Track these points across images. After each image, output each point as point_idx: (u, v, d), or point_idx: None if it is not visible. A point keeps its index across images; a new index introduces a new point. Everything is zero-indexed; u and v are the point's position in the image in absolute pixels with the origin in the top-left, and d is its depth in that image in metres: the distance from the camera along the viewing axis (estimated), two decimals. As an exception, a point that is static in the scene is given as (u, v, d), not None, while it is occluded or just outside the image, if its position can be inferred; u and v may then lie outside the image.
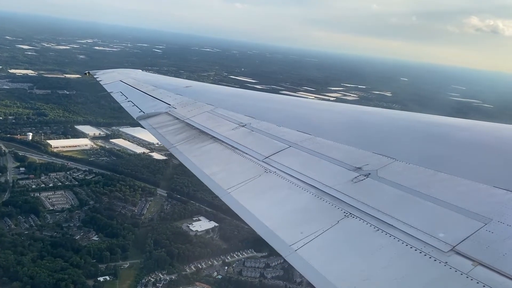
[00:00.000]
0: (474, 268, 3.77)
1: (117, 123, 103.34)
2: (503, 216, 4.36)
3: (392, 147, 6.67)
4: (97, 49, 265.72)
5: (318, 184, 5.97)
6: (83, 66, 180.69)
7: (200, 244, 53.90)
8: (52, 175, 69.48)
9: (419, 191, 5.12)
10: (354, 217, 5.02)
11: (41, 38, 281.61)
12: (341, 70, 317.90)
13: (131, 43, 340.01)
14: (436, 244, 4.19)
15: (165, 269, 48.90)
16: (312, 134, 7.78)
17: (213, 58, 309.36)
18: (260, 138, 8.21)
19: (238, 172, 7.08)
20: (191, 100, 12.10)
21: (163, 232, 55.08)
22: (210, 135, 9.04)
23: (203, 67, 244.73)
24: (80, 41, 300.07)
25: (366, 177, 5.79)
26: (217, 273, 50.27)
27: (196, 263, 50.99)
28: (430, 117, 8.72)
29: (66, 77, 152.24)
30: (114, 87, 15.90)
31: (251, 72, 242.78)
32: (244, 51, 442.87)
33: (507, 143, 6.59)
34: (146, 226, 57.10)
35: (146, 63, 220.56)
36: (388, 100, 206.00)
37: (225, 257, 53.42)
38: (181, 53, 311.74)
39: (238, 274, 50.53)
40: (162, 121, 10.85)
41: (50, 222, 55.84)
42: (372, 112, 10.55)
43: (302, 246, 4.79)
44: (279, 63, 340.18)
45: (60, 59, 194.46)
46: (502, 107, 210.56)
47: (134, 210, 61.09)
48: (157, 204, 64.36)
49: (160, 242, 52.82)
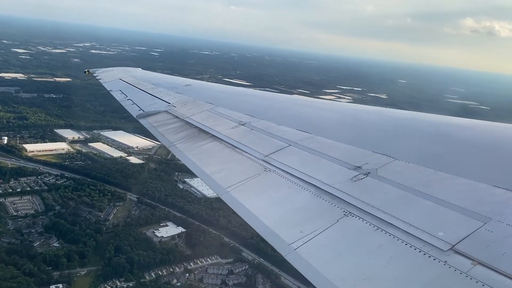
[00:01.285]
0: (474, 267, 3.77)
1: (99, 127, 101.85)
2: (502, 216, 4.38)
3: (392, 146, 6.67)
4: (93, 53, 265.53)
5: (318, 182, 5.96)
6: (75, 70, 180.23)
7: (163, 251, 52.63)
8: (22, 179, 67.07)
9: (419, 190, 5.13)
10: (353, 216, 5.02)
11: (38, 42, 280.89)
12: (339, 73, 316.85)
13: (129, 47, 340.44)
14: (435, 243, 4.19)
15: (123, 277, 47.69)
16: (312, 133, 7.80)
17: (210, 61, 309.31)
18: (260, 136, 8.21)
19: (238, 171, 7.04)
20: (191, 99, 12.07)
21: (126, 238, 53.80)
22: (209, 134, 9.02)
23: (198, 70, 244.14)
24: (78, 45, 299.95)
25: (365, 176, 5.79)
26: (177, 280, 48.98)
27: (157, 270, 49.81)
28: (430, 116, 8.79)
29: (56, 80, 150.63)
30: (114, 86, 15.71)
31: (246, 74, 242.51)
32: (244, 54, 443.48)
33: (507, 142, 6.63)
34: (110, 232, 55.71)
35: (141, 65, 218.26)
36: (383, 102, 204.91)
37: (188, 264, 52.21)
38: (178, 56, 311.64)
39: (199, 281, 49.42)
40: (161, 119, 10.80)
41: (11, 228, 53.63)
42: (372, 111, 10.59)
43: (302, 245, 4.77)
44: (277, 65, 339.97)
45: (53, 63, 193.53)
46: (498, 109, 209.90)
47: (100, 215, 59.56)
48: (126, 209, 62.99)
49: (122, 249, 51.57)
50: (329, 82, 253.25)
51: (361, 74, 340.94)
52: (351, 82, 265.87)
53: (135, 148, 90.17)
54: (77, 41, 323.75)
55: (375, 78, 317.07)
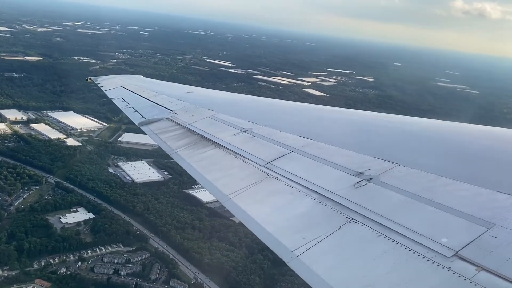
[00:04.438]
0: (478, 273, 3.72)
1: (50, 107, 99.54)
2: (506, 221, 4.33)
3: (394, 152, 6.65)
4: (80, 32, 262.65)
5: (320, 189, 5.93)
6: (51, 49, 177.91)
7: (58, 238, 50.43)
8: None
9: (422, 196, 5.10)
10: (356, 222, 4.99)
11: (26, 20, 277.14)
12: (333, 55, 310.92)
13: (121, 26, 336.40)
14: (439, 249, 4.15)
15: (7, 265, 45.69)
16: (314, 139, 7.78)
17: (201, 42, 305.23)
18: (262, 143, 8.20)
19: (240, 178, 7.04)
20: (193, 106, 12.09)
21: (23, 225, 51.69)
22: (211, 141, 9.04)
23: (183, 50, 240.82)
24: (67, 24, 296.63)
25: (368, 182, 5.75)
26: (67, 269, 46.88)
27: (49, 259, 47.70)
28: (432, 122, 8.91)
29: (26, 59, 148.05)
30: (116, 93, 15.79)
31: (233, 56, 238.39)
32: (240, 34, 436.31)
33: (509, 148, 6.68)
34: (10, 218, 53.73)
35: (124, 46, 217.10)
36: (367, 85, 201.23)
37: (85, 252, 50.15)
38: (169, 36, 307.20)
39: (90, 270, 47.21)
40: (163, 126, 10.85)
41: None
42: (374, 117, 10.59)
43: (304, 252, 4.75)
44: (271, 47, 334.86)
45: (31, 41, 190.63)
46: (488, 93, 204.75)
47: (8, 200, 57.44)
48: (38, 194, 60.86)
49: (16, 235, 49.50)
50: (318, 64, 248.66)
51: (357, 56, 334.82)
52: (342, 64, 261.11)
53: (78, 129, 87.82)
54: (68, 20, 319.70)
55: (369, 61, 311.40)
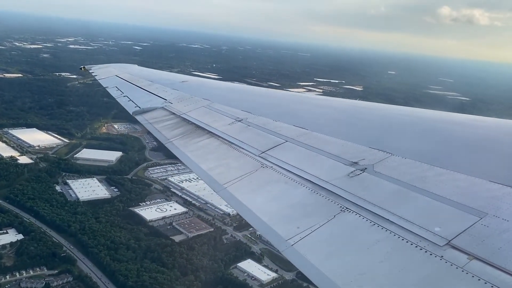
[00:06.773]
0: (470, 262, 3.75)
1: (12, 125, 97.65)
2: (498, 211, 4.36)
3: (389, 142, 6.64)
4: (71, 48, 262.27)
5: (315, 178, 5.92)
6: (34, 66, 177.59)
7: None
8: None
9: (415, 186, 5.11)
10: (350, 212, 5.00)
11: (19, 37, 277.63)
12: (326, 65, 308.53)
13: (115, 41, 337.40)
14: (431, 238, 4.16)
15: None
16: (309, 129, 7.74)
17: (193, 55, 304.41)
18: (257, 133, 8.15)
19: (235, 167, 6.99)
20: (187, 95, 12.06)
21: None
22: (206, 130, 8.96)
23: (171, 64, 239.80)
24: (59, 40, 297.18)
25: (362, 171, 5.75)
26: (-22, 296, 44.21)
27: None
28: (426, 112, 8.93)
29: (5, 76, 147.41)
30: (110, 82, 15.59)
31: (223, 68, 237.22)
32: (235, 47, 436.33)
33: (503, 138, 6.65)
34: None
35: (112, 60, 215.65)
36: (354, 95, 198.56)
37: (3, 277, 47.56)
38: (161, 51, 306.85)
39: (3, 297, 44.41)
40: (158, 116, 10.75)
41: None
42: (369, 107, 10.55)
43: (299, 241, 4.74)
44: (264, 58, 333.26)
45: (17, 58, 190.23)
46: (479, 100, 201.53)
47: None
48: (-29, 215, 58.45)
49: None
50: (308, 75, 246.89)
51: (350, 65, 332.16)
52: (333, 74, 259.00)
53: (36, 146, 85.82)
54: (62, 36, 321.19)
55: (362, 70, 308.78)
